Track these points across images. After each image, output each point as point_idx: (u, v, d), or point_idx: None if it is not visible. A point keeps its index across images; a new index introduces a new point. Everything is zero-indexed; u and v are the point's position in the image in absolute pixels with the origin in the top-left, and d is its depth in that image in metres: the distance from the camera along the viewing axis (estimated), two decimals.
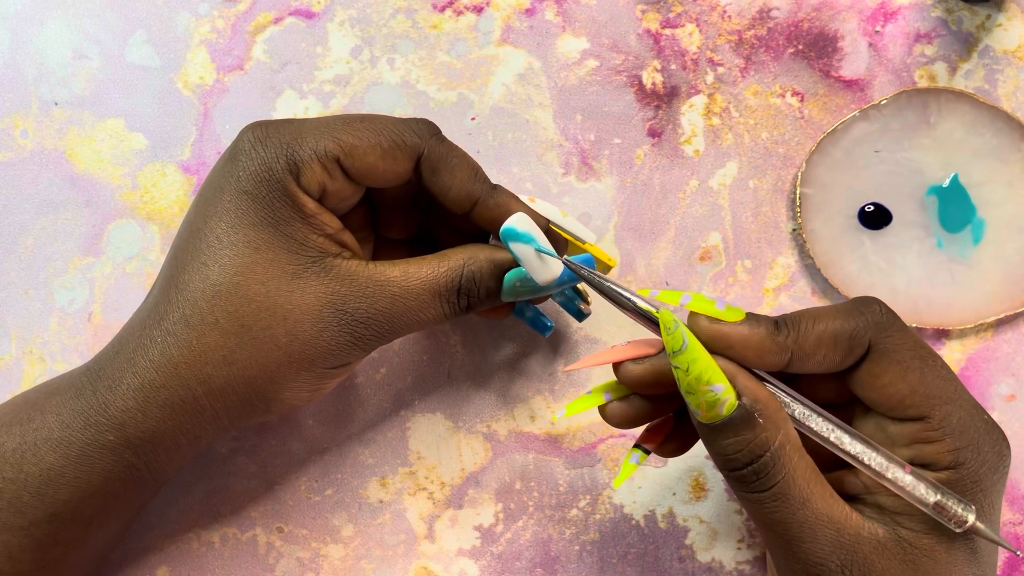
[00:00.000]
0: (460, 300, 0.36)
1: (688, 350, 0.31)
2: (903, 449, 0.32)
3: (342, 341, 0.35)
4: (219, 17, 0.44)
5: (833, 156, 0.42)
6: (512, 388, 0.43)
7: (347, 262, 0.35)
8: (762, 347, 0.32)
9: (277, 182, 0.34)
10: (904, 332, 0.33)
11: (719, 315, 0.32)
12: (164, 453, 0.35)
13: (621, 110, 0.44)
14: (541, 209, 0.39)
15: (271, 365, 0.34)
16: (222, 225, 0.34)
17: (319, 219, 0.35)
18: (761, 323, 0.32)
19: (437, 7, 0.44)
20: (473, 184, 0.36)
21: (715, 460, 0.32)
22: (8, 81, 0.44)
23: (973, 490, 0.32)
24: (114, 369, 0.34)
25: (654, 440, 0.35)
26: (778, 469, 0.31)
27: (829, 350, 0.32)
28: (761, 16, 0.44)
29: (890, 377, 0.32)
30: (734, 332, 0.32)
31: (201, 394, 0.34)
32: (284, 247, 0.34)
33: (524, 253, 0.35)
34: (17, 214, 0.44)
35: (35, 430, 0.34)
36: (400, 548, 0.42)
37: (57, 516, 0.34)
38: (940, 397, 0.32)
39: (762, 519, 0.32)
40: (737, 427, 0.31)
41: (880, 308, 0.33)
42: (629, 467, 0.35)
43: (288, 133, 0.35)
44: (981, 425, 0.32)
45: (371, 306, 0.35)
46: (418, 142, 0.36)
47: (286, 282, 0.34)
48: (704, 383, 0.31)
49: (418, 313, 0.36)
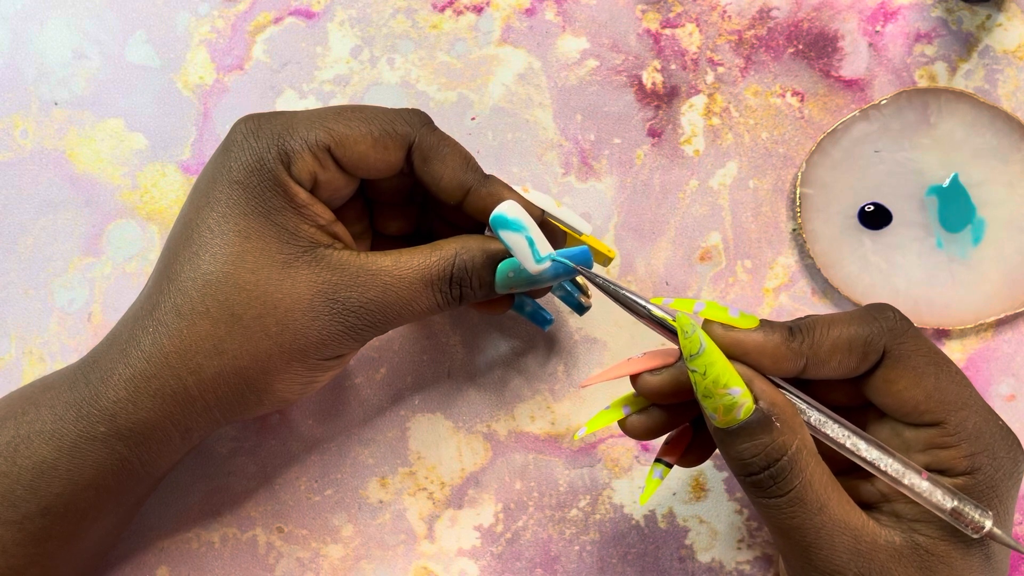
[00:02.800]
0: (452, 289, 0.36)
1: (706, 353, 0.31)
2: (919, 454, 0.32)
3: (334, 331, 0.35)
4: (219, 17, 0.44)
5: (833, 156, 0.42)
6: (512, 388, 0.43)
7: (338, 252, 0.35)
8: (777, 353, 0.32)
9: (268, 172, 0.34)
10: (919, 338, 0.32)
11: (733, 322, 0.32)
12: (156, 445, 0.35)
13: (621, 110, 0.44)
14: (535, 199, 0.38)
15: (262, 355, 0.34)
16: (213, 215, 0.34)
17: (311, 209, 0.35)
18: (775, 329, 0.32)
19: (437, 7, 0.44)
20: (465, 173, 0.36)
21: (731, 465, 0.32)
22: (8, 81, 0.44)
23: (989, 495, 0.31)
24: (107, 360, 0.34)
25: (675, 453, 0.35)
26: (795, 474, 0.31)
27: (844, 356, 0.32)
28: (761, 16, 0.44)
29: (905, 383, 0.32)
30: (749, 339, 0.32)
31: (192, 384, 0.34)
32: (275, 236, 0.34)
33: (514, 241, 0.34)
34: (17, 214, 0.44)
35: (29, 423, 0.34)
36: (400, 548, 0.42)
37: (50, 510, 0.34)
38: (955, 403, 0.32)
39: (778, 525, 0.31)
40: (754, 431, 0.31)
41: (895, 315, 0.33)
42: (653, 483, 0.35)
43: (280, 124, 0.35)
44: (996, 431, 0.32)
45: (363, 295, 0.35)
46: (409, 131, 0.36)
47: (277, 271, 0.34)
48: (721, 386, 0.31)
49: (411, 302, 0.35)
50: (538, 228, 0.35)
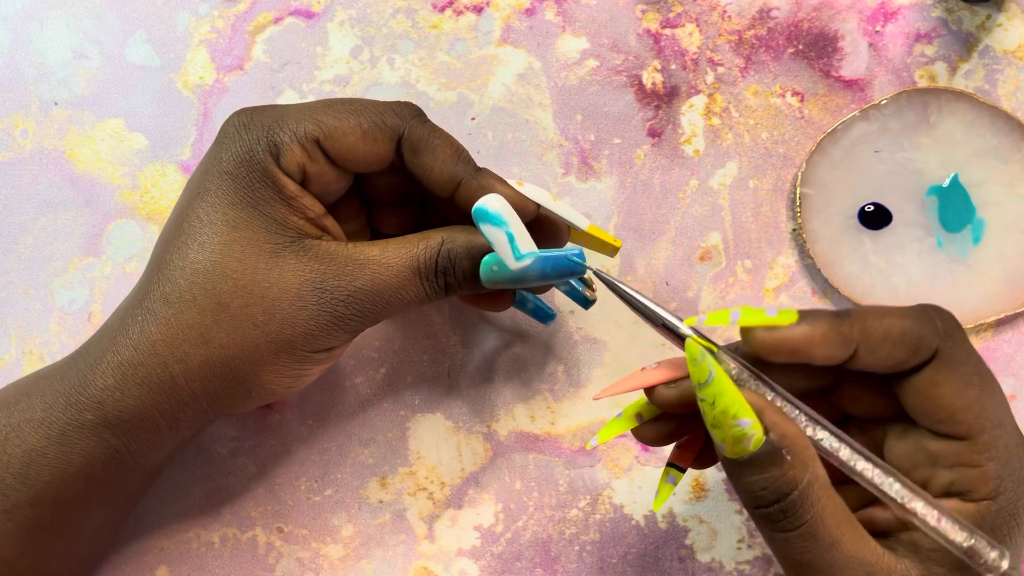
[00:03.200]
0: (438, 279, 0.35)
1: (714, 383, 0.30)
2: (944, 470, 0.31)
3: (322, 321, 0.35)
4: (219, 17, 0.44)
5: (833, 156, 0.42)
6: (512, 388, 0.43)
7: (326, 243, 0.35)
8: (827, 339, 0.30)
9: (258, 163, 0.34)
10: (970, 348, 0.32)
11: (772, 322, 0.31)
12: (143, 435, 0.35)
13: (621, 110, 0.44)
14: (530, 192, 0.37)
15: (249, 345, 0.34)
16: (203, 206, 0.34)
17: (300, 201, 0.35)
18: (820, 317, 0.31)
19: (437, 7, 0.44)
20: (456, 165, 0.35)
21: (740, 497, 0.31)
22: (8, 81, 0.44)
23: (1009, 522, 0.31)
24: (97, 349, 0.35)
25: (687, 459, 0.35)
26: (806, 508, 0.30)
27: (895, 347, 0.31)
28: (761, 16, 0.44)
29: (949, 388, 0.31)
30: (795, 334, 0.30)
31: (178, 372, 0.34)
32: (263, 226, 0.34)
33: (494, 236, 0.34)
34: (17, 214, 0.44)
35: (20, 412, 0.34)
36: (400, 548, 0.42)
37: (40, 499, 0.34)
38: (992, 419, 0.31)
39: (789, 560, 0.31)
40: (764, 464, 0.30)
41: (951, 318, 0.32)
42: (667, 488, 0.34)
43: (270, 117, 0.35)
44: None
45: (351, 284, 0.35)
46: (398, 123, 0.36)
47: (264, 260, 0.34)
48: (731, 417, 0.30)
49: (399, 291, 0.35)
50: (522, 225, 0.34)
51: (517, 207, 0.35)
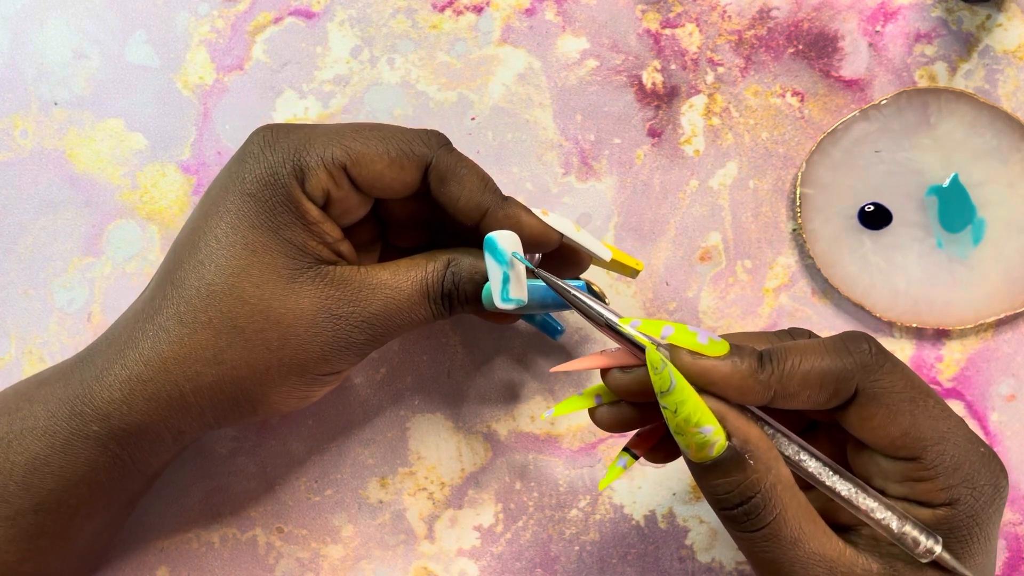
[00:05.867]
0: (443, 301, 0.36)
1: (676, 391, 0.30)
2: (896, 485, 0.32)
3: (336, 346, 0.35)
4: (219, 17, 0.44)
5: (833, 156, 0.42)
6: (512, 388, 0.43)
7: (341, 268, 0.35)
8: (744, 385, 0.31)
9: (282, 187, 0.34)
10: (893, 373, 0.32)
11: (701, 349, 0.31)
12: (148, 445, 0.35)
13: (621, 110, 0.44)
14: (554, 223, 0.37)
15: (260, 367, 0.34)
16: (222, 225, 0.34)
17: (320, 227, 0.35)
18: (744, 358, 0.31)
19: (437, 7, 0.44)
20: (483, 195, 0.36)
21: (707, 498, 0.32)
22: (8, 81, 0.44)
23: (969, 525, 0.31)
24: (103, 360, 0.35)
25: (643, 446, 0.35)
26: (769, 510, 0.30)
27: (814, 391, 0.31)
28: (761, 16, 0.44)
29: (879, 420, 0.31)
30: (716, 369, 0.31)
31: (188, 390, 0.34)
32: (281, 251, 0.34)
33: (492, 270, 0.35)
34: (17, 214, 0.44)
35: (23, 419, 0.34)
36: (400, 548, 0.42)
37: (42, 506, 0.34)
38: (932, 438, 0.31)
39: (754, 558, 0.31)
40: (727, 468, 0.30)
41: (869, 347, 0.32)
42: (615, 471, 0.34)
43: (297, 138, 0.35)
44: (976, 459, 0.31)
45: (364, 310, 0.35)
46: (426, 152, 0.35)
47: (281, 286, 0.34)
48: (693, 425, 0.30)
49: (410, 313, 0.36)
50: (522, 270, 0.35)
51: (541, 236, 0.36)
